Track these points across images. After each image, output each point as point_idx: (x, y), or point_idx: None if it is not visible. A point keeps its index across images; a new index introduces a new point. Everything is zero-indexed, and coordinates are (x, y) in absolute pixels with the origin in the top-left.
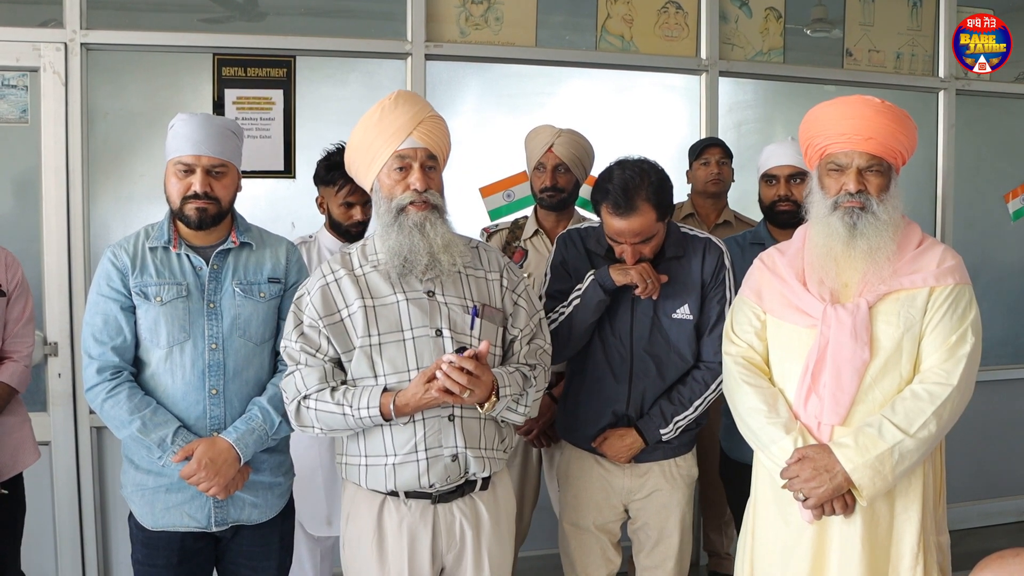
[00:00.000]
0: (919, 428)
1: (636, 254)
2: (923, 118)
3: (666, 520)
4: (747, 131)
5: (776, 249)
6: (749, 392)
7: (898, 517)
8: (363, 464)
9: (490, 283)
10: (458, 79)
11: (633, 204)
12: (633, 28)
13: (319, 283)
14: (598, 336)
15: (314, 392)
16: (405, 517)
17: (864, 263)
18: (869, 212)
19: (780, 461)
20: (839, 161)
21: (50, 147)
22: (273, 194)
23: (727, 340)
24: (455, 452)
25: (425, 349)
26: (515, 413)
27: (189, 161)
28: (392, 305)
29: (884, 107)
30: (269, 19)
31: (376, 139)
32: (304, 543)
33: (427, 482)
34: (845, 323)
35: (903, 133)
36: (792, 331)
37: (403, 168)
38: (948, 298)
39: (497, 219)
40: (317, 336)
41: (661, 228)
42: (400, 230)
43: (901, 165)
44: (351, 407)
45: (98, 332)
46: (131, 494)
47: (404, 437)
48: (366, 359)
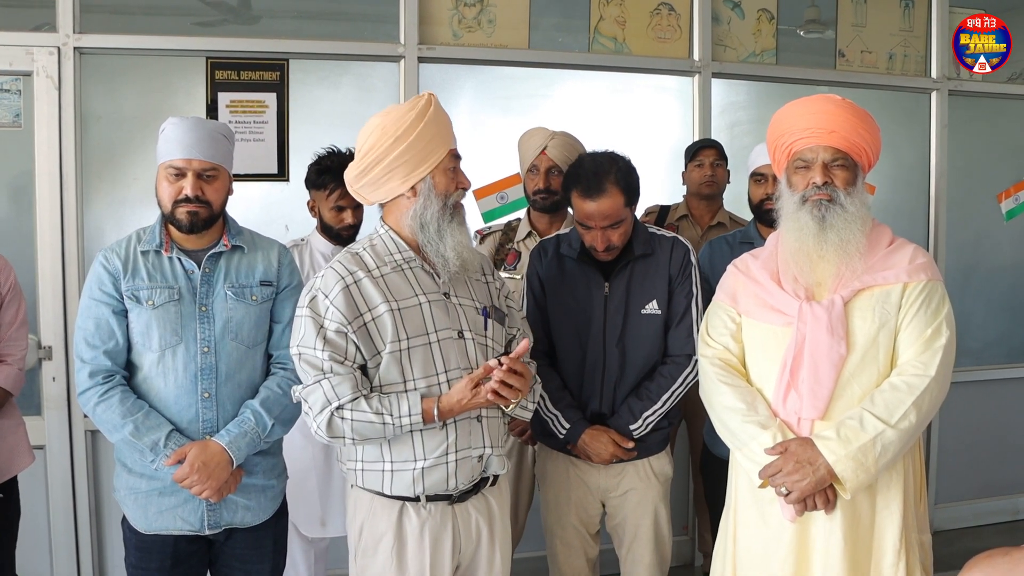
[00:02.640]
0: (900, 419)
1: (605, 240)
2: (916, 119)
3: (642, 517)
4: (740, 132)
5: (749, 254)
6: (726, 391)
7: (879, 514)
8: (387, 470)
9: (488, 285)
10: (451, 81)
11: (602, 186)
12: (626, 30)
13: (338, 285)
14: (574, 335)
15: (348, 402)
16: (427, 521)
17: (836, 256)
18: (837, 204)
19: (759, 458)
20: (805, 157)
21: (43, 151)
22: (267, 197)
23: (702, 343)
24: (482, 452)
25: (451, 351)
26: (526, 410)
27: (180, 165)
28: (415, 308)
29: (846, 103)
30: (262, 22)
31: (434, 137)
32: (298, 545)
33: (454, 484)
34: (821, 319)
35: (865, 129)
36: (768, 331)
37: (455, 168)
38: (922, 293)
39: (491, 221)
40: (344, 341)
41: (629, 215)
42: (461, 227)
43: (867, 167)
44: (391, 415)
45: (90, 336)
46: (124, 498)
47: (436, 441)
48: (396, 364)
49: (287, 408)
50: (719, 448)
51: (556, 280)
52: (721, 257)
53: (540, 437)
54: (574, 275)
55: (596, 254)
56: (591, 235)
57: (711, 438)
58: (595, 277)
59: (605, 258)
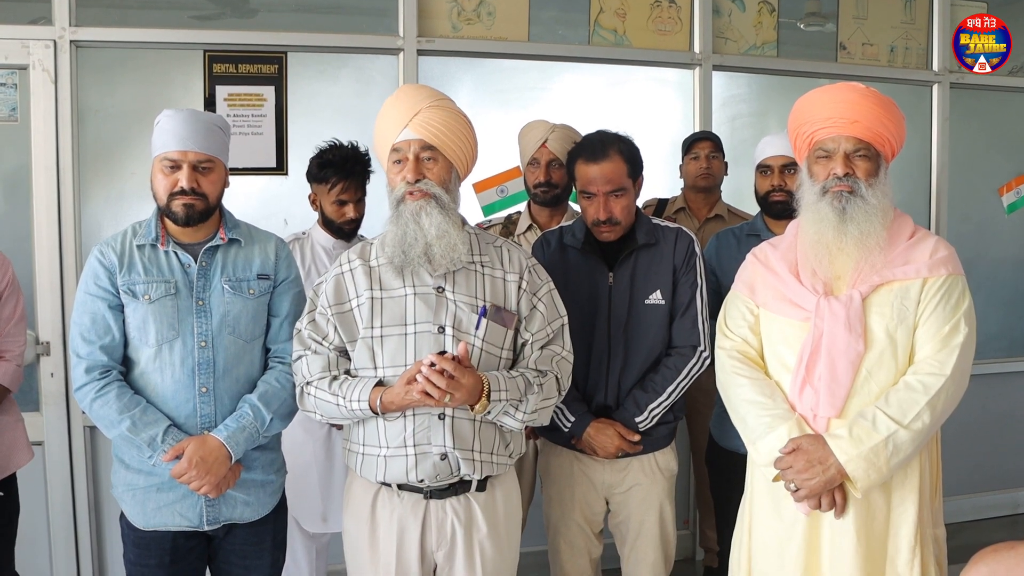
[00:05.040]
0: (913, 419)
1: (608, 210)
2: (917, 111)
3: (646, 513)
4: (741, 125)
5: (769, 243)
6: (745, 384)
7: (895, 510)
8: (360, 452)
9: (507, 284)
10: (450, 74)
11: (605, 151)
12: (626, 22)
13: (335, 272)
14: (579, 326)
15: (316, 379)
16: (396, 508)
17: (856, 250)
18: (858, 196)
19: (775, 453)
20: (826, 147)
21: (40, 145)
22: (266, 191)
23: (720, 335)
24: (443, 451)
25: (425, 345)
26: (512, 419)
27: (175, 157)
28: (399, 299)
29: (870, 92)
30: (260, 15)
31: (378, 136)
32: (300, 540)
33: (416, 477)
34: (839, 315)
35: (889, 119)
36: (786, 324)
37: (400, 161)
38: (941, 289)
39: (490, 215)
40: (325, 324)
41: (631, 189)
42: (398, 220)
43: (891, 156)
44: (344, 398)
45: (86, 331)
46: (122, 494)
47: (395, 431)
48: (367, 350)
49: (285, 402)
50: (726, 440)
51: (560, 271)
52: (728, 250)
53: (543, 432)
54: (579, 266)
55: (599, 233)
56: (594, 205)
57: (718, 430)
58: (599, 267)
59: (608, 237)
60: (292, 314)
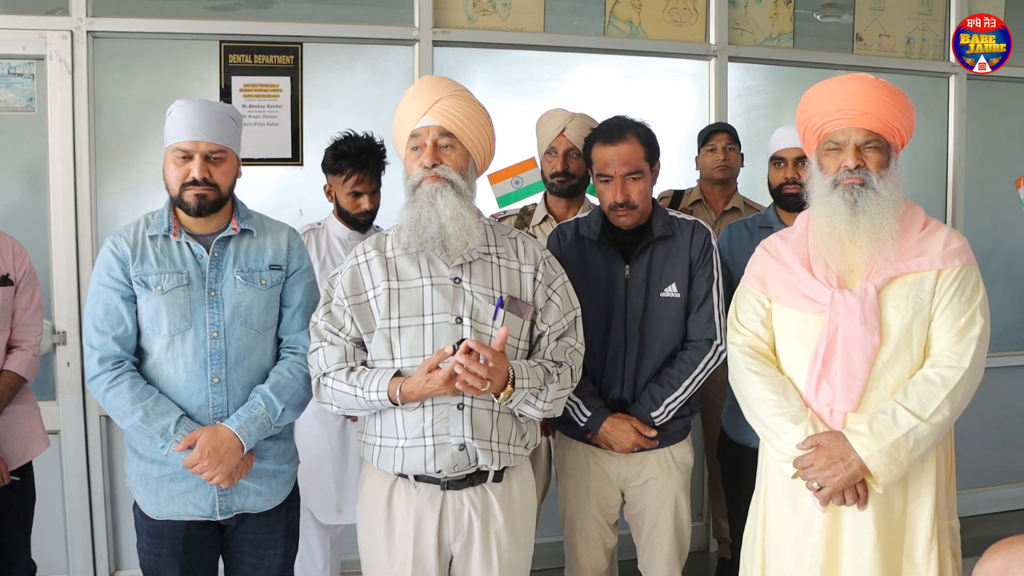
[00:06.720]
0: (933, 413)
1: (625, 193)
2: (933, 103)
3: (662, 507)
4: (757, 117)
5: (778, 236)
6: (757, 381)
7: (911, 503)
8: (377, 444)
9: (523, 275)
10: (466, 65)
11: (623, 133)
12: (642, 13)
13: (351, 263)
14: (595, 320)
15: (332, 371)
16: (413, 500)
17: (869, 243)
18: (869, 188)
19: (791, 452)
20: (837, 139)
21: (57, 136)
22: (281, 181)
23: (732, 329)
24: (462, 441)
25: (443, 335)
26: (533, 408)
27: (187, 147)
28: (416, 289)
29: (879, 83)
30: (276, 6)
31: (397, 124)
32: (314, 531)
33: (434, 468)
34: (854, 309)
35: (899, 110)
36: (799, 318)
37: (417, 148)
38: (956, 280)
39: (506, 205)
40: (342, 315)
41: (648, 173)
42: (413, 203)
43: (900, 146)
44: (362, 389)
45: (99, 322)
46: (135, 483)
47: (413, 421)
48: (385, 341)
49: (297, 393)
50: (738, 434)
51: (576, 264)
52: (740, 242)
53: (559, 426)
54: (595, 258)
55: (615, 217)
56: (611, 188)
57: (730, 424)
58: (616, 259)
59: (625, 222)
60: (304, 304)
